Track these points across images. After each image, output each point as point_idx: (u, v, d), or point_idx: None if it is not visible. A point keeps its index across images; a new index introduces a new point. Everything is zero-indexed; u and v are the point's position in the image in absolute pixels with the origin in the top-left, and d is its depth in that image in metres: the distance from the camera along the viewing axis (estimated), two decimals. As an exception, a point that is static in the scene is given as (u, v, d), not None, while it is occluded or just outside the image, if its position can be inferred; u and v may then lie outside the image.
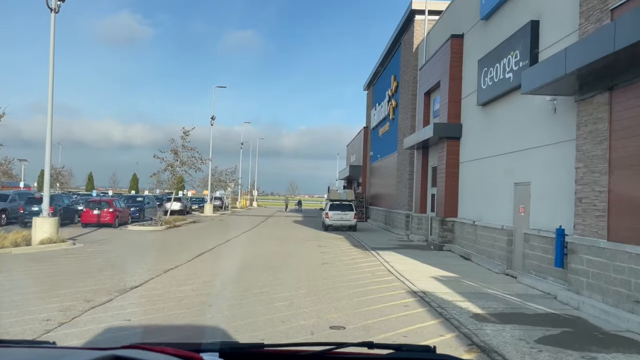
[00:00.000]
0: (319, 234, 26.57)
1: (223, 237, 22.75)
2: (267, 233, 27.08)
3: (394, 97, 31.57)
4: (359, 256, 17.07)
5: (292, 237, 24.69)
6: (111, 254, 16.43)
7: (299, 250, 18.66)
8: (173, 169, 32.48)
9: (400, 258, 16.52)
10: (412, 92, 26.57)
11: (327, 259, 16.04)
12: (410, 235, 23.48)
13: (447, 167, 18.86)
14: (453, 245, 18.51)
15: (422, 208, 22.80)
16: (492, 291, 11.18)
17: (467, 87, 18.16)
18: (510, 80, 13.82)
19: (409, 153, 26.44)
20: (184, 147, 32.76)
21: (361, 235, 25.55)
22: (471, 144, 17.60)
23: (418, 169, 23.50)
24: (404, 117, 28.19)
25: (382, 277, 12.79)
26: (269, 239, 22.85)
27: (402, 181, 28.10)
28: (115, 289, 10.41)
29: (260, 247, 19.24)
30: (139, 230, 26.86)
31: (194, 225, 31.72)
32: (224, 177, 55.27)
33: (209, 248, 18.38)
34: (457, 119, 18.81)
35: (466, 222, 17.27)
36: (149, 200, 35.06)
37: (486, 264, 14.88)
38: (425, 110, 22.85)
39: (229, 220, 39.96)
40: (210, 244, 19.91)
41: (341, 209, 28.50)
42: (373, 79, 41.95)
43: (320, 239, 23.36)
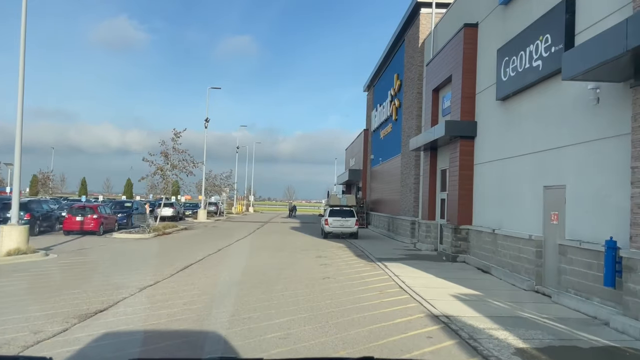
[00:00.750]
0: (318, 242, 24.75)
1: (214, 246, 20.91)
2: (262, 241, 25.24)
3: (397, 96, 29.86)
4: (364, 268, 15.26)
5: (289, 245, 22.87)
6: (85, 267, 14.56)
7: (297, 261, 16.83)
8: (163, 173, 30.61)
9: (410, 271, 14.72)
10: (418, 90, 24.86)
11: (328, 272, 14.22)
12: (418, 244, 21.69)
13: (460, 170, 17.10)
14: (468, 255, 16.72)
15: (431, 214, 21.02)
16: (528, 314, 9.39)
17: (483, 81, 16.43)
18: (540, 69, 12.08)
19: (414, 155, 24.69)
20: (175, 149, 30.92)
21: (363, 244, 23.74)
22: (488, 144, 15.85)
23: (425, 172, 21.73)
24: (408, 117, 26.46)
25: (395, 296, 10.98)
26: (264, 248, 21.02)
27: (406, 185, 26.33)
28: (74, 314, 8.59)
29: (254, 258, 17.41)
30: (124, 238, 24.98)
31: (185, 233, 29.84)
32: (219, 182, 53.36)
33: (197, 259, 16.55)
34: (471, 116, 17.07)
35: (483, 230, 15.49)
36: (138, 206, 33.17)
37: (510, 278, 13.10)
38: (433, 109, 21.11)
39: (223, 227, 38.09)
40: (199, 254, 18.07)
41: (341, 215, 26.71)
42: (374, 80, 40.27)
43: (320, 248, 21.54)
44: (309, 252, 19.86)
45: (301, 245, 22.74)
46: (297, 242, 25.04)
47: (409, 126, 26.24)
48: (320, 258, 17.68)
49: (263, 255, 18.21)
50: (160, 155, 30.51)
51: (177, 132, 30.99)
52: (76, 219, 25.60)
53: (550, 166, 11.78)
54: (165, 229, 29.23)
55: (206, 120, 45.35)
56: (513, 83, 13.58)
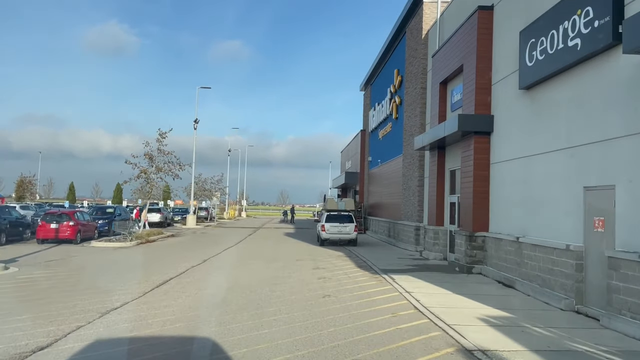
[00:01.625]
0: (314, 250, 22.79)
1: (200, 256, 18.90)
2: (253, 249, 23.23)
3: (398, 93, 28.01)
4: (369, 283, 13.31)
5: (283, 254, 20.89)
6: (45, 285, 12.50)
7: (292, 273, 14.87)
8: (147, 176, 28.58)
9: (422, 286, 12.79)
10: (422, 85, 23.01)
11: (328, 288, 12.26)
12: (424, 252, 19.77)
13: (474, 170, 15.23)
14: (485, 266, 14.82)
15: (439, 220, 19.12)
16: (582, 346, 7.48)
17: (500, 70, 14.60)
18: (578, 48, 10.22)
19: (418, 155, 22.82)
20: (160, 151, 28.94)
21: (364, 252, 21.80)
22: (508, 140, 13.99)
23: (432, 173, 19.85)
24: (410, 114, 24.60)
25: (411, 320, 9.04)
26: (254, 258, 19.03)
27: (409, 188, 24.44)
28: (11, 351, 6.61)
29: (242, 270, 15.43)
30: (103, 247, 22.90)
31: (171, 240, 27.76)
32: (209, 186, 51.26)
33: (178, 272, 14.56)
34: (487, 109, 15.21)
35: (504, 238, 13.60)
36: (121, 212, 31.04)
37: (540, 295, 11.21)
38: (440, 103, 19.25)
39: (213, 233, 36.03)
40: (182, 265, 16.08)
41: (339, 221, 24.77)
42: (371, 78, 38.43)
43: (317, 257, 19.58)
44: (305, 262, 17.89)
45: (296, 254, 20.78)
46: (291, 250, 23.06)
47: (411, 124, 24.38)
48: (318, 270, 15.72)
49: (253, 267, 16.23)
50: (144, 157, 28.58)
51: (163, 133, 29.07)
52: (50, 226, 23.50)
53: (593, 163, 9.92)
54: (149, 236, 27.16)
55: (195, 121, 43.35)
56: (541, 68, 11.72)
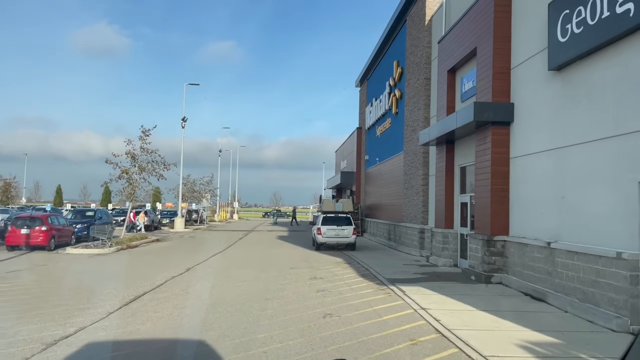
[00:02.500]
0: (309, 256, 20.92)
1: (184, 264, 16.99)
2: (243, 256, 21.32)
3: (398, 86, 26.22)
4: (377, 297, 11.45)
5: (276, 261, 19.00)
6: (-8, 302, 10.54)
7: (286, 285, 12.99)
8: (129, 177, 26.59)
9: (439, 300, 10.95)
10: (425, 76, 21.23)
11: (329, 305, 10.40)
12: (432, 258, 17.94)
13: (492, 165, 13.43)
14: (506, 275, 13.01)
15: (448, 221, 17.31)
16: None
17: (522, 51, 12.83)
18: (631, 15, 8.45)
19: (422, 152, 21.02)
20: (143, 149, 26.95)
21: (364, 257, 19.96)
22: (533, 130, 12.21)
23: (440, 170, 18.04)
24: (413, 108, 22.81)
25: (437, 351, 7.19)
26: (244, 266, 17.13)
27: (411, 187, 22.64)
28: None
29: (230, 281, 13.53)
30: (77, 254, 20.90)
31: (155, 246, 25.76)
32: (199, 188, 49.23)
33: (155, 284, 12.66)
34: (506, 97, 13.43)
35: (531, 243, 11.79)
36: (102, 215, 28.97)
37: (582, 311, 9.41)
38: (449, 93, 17.46)
39: (201, 237, 34.05)
40: (161, 275, 14.18)
41: (337, 223, 22.92)
42: (367, 72, 36.63)
43: (313, 264, 17.71)
44: (300, 270, 16.02)
45: (290, 261, 18.89)
46: (285, 256, 21.17)
47: (414, 119, 22.59)
48: (315, 280, 13.84)
49: (242, 277, 14.33)
50: (126, 156, 26.59)
51: (146, 130, 27.06)
52: (21, 231, 21.48)
53: (653, 152, 8.14)
54: (131, 241, 25.17)
55: (183, 119, 41.35)
56: (579, 43, 9.94)
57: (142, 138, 26.90)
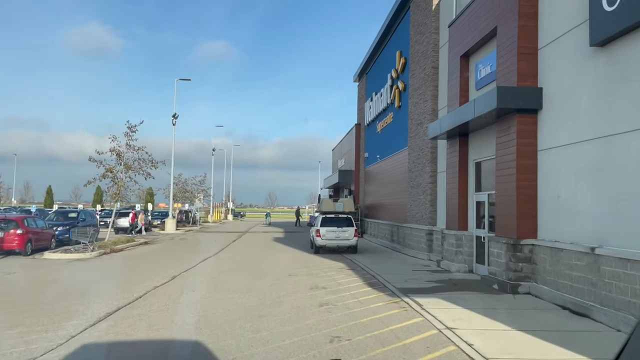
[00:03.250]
0: (308, 260, 19.26)
1: (170, 271, 15.32)
2: (236, 261, 19.63)
3: (401, 78, 24.60)
4: (390, 311, 9.79)
5: (271, 266, 17.34)
6: None
7: (283, 297, 11.32)
8: (114, 175, 24.83)
9: (464, 316, 9.31)
10: (433, 65, 19.63)
11: (335, 323, 8.74)
12: (443, 263, 16.32)
13: (518, 159, 11.83)
14: (535, 284, 11.40)
15: (461, 222, 15.70)
16: None
17: (551, 28, 11.23)
18: None
19: (429, 147, 19.42)
20: (129, 146, 25.20)
21: (368, 261, 18.33)
22: (568, 117, 10.61)
23: (452, 166, 16.43)
24: (418, 100, 21.20)
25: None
26: (236, 273, 15.46)
27: (417, 186, 21.03)
28: None
29: (219, 293, 11.85)
30: (55, 259, 19.16)
31: (141, 250, 24.02)
32: (190, 187, 47.44)
33: (132, 297, 10.98)
34: (532, 81, 11.83)
35: (567, 247, 10.19)
36: (86, 216, 27.15)
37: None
38: (462, 81, 15.85)
39: (193, 239, 32.31)
40: (142, 285, 12.51)
41: (337, 225, 21.29)
42: (366, 66, 35.02)
43: (313, 270, 16.06)
44: (299, 278, 14.36)
45: (288, 266, 17.23)
46: (281, 260, 19.50)
47: (419, 112, 20.98)
48: (317, 291, 12.18)
49: (234, 287, 12.65)
50: (110, 153, 24.83)
51: (132, 126, 25.31)
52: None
53: None
54: (115, 244, 23.44)
55: (174, 116, 39.59)
56: (632, 10, 8.34)
57: (128, 134, 25.17)
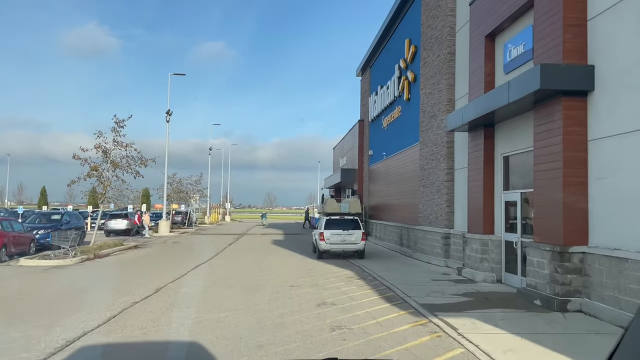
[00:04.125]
0: (312, 267, 17.38)
1: (155, 281, 13.43)
2: (230, 268, 17.72)
3: (410, 68, 22.73)
4: (420, 338, 7.88)
5: (271, 275, 15.45)
6: None
7: (285, 317, 9.41)
8: (99, 174, 22.92)
9: (513, 343, 7.40)
10: (449, 50, 17.75)
11: (353, 354, 6.84)
12: (465, 271, 14.42)
13: (565, 150, 9.96)
14: (588, 300, 9.50)
15: (487, 225, 13.81)
16: None
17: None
18: None
19: (446, 141, 17.54)
20: (116, 143, 23.31)
21: (378, 268, 16.45)
22: (628, 100, 8.74)
23: (475, 161, 14.54)
24: (432, 90, 19.32)
25: None
26: (230, 284, 13.55)
27: (431, 184, 19.15)
28: None
29: (208, 311, 9.94)
30: (31, 267, 17.25)
31: (129, 255, 22.09)
32: (185, 187, 45.48)
33: (103, 319, 9.08)
34: (580, 58, 9.96)
35: (632, 257, 8.32)
36: (70, 218, 25.17)
37: None
38: (487, 64, 13.96)
39: (187, 242, 30.38)
40: (118, 301, 10.62)
41: (343, 227, 19.40)
42: (370, 59, 33.14)
43: (318, 279, 14.17)
44: (302, 290, 12.45)
45: (289, 275, 15.33)
46: (281, 267, 17.61)
47: (432, 103, 19.10)
48: (325, 308, 10.27)
49: (226, 303, 10.74)
50: (95, 150, 22.91)
51: (120, 121, 23.42)
52: (-37, 240, 17.83)
53: None
54: (101, 249, 21.51)
55: (167, 112, 37.68)
56: None
57: (115, 130, 23.27)
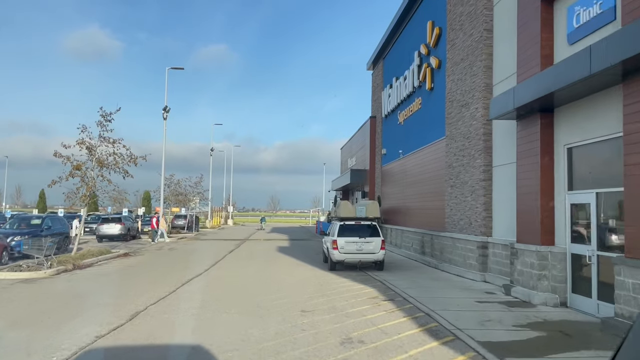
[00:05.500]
0: (324, 281, 14.76)
1: (134, 302, 10.87)
2: (227, 284, 15.08)
3: (434, 54, 20.13)
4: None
5: (275, 293, 12.81)
6: None
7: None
8: (83, 174, 20.37)
9: None
10: (485, 27, 15.14)
11: None
12: (516, 290, 11.72)
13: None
14: None
15: (545, 234, 11.13)
16: None
17: None
18: None
19: (482, 133, 14.92)
20: (103, 139, 20.79)
21: (403, 283, 13.82)
22: None
23: (527, 154, 11.89)
24: (463, 75, 16.71)
25: None
26: (227, 306, 10.91)
27: (462, 184, 16.52)
28: None
29: (193, 354, 7.33)
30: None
31: (115, 265, 19.49)
32: (184, 189, 42.84)
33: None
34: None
35: None
36: (53, 223, 22.58)
37: None
38: (544, 35, 11.30)
39: (184, 249, 27.77)
40: (81, 333, 8.05)
41: (359, 234, 16.76)
42: (383, 50, 30.55)
43: (335, 301, 11.53)
44: (317, 318, 9.81)
45: (298, 293, 12.70)
46: (289, 282, 14.98)
47: (464, 90, 16.49)
48: (350, 348, 7.63)
49: (218, 340, 8.11)
50: (79, 147, 20.38)
51: (107, 114, 20.90)
52: None
53: None
54: (83, 258, 18.94)
55: (165, 109, 35.16)
56: None
57: (101, 124, 20.76)
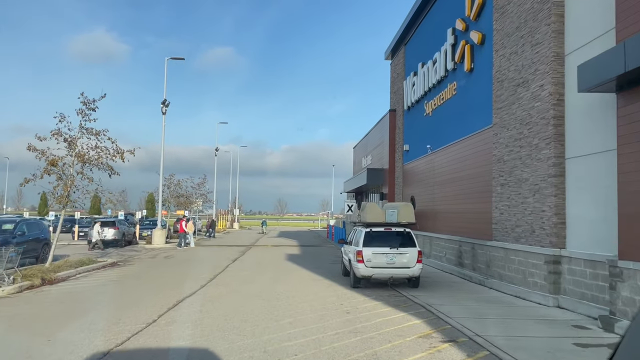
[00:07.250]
0: (348, 303, 11.63)
1: (102, 337, 7.81)
2: (227, 306, 11.91)
3: (474, 28, 17.00)
4: None
5: (287, 328, 9.68)
6: None
7: None
8: (61, 171, 17.39)
9: None
10: (553, -18, 11.98)
11: None
12: (621, 325, 8.55)
13: None
14: None
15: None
16: None
17: None
18: None
19: (552, 117, 11.74)
20: (84, 129, 17.81)
21: (453, 310, 10.68)
22: None
23: (636, 138, 8.71)
24: (517, 48, 13.54)
25: None
26: (224, 342, 7.79)
27: (518, 182, 13.35)
28: None
29: None
30: None
31: (95, 279, 16.41)
32: (185, 191, 39.76)
33: None
34: None
35: None
36: (28, 229, 19.52)
37: None
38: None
39: (181, 257, 24.69)
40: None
41: (390, 243, 13.63)
42: (405, 35, 27.39)
43: (369, 340, 8.37)
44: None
45: (318, 325, 9.56)
46: (304, 308, 11.84)
47: (521, 65, 13.33)
48: None
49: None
50: (55, 139, 17.41)
51: (89, 101, 17.91)
52: None
53: None
54: (58, 270, 15.92)
55: (164, 103, 32.22)
56: None
57: (83, 112, 17.78)
